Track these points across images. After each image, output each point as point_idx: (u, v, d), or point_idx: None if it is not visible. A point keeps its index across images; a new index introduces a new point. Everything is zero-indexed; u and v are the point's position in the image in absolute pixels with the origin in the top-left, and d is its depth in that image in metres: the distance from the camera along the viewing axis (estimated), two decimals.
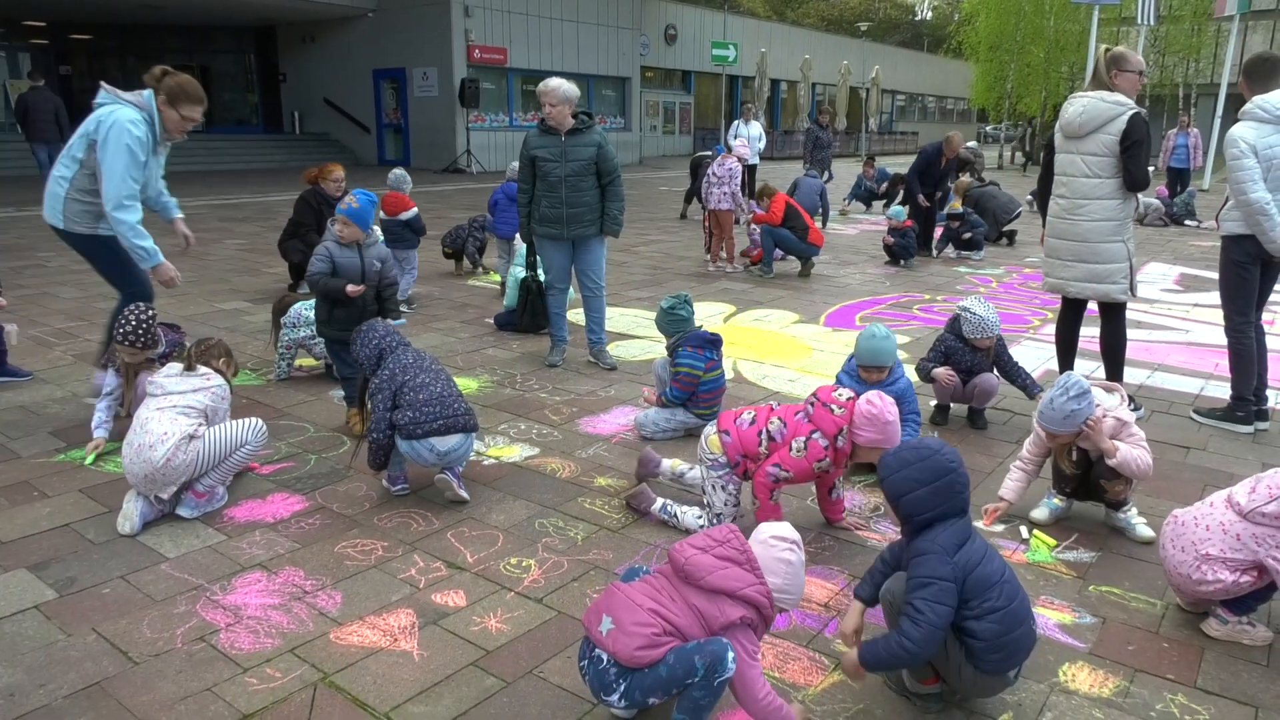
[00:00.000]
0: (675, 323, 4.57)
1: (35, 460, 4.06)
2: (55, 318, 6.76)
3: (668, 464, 3.78)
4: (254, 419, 3.68)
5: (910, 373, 4.46)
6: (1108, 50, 4.46)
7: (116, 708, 2.40)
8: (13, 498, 3.66)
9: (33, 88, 14.48)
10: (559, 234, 5.46)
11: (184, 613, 2.85)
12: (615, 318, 6.90)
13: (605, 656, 2.18)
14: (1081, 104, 4.44)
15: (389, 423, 3.54)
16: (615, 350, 6.04)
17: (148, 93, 4.23)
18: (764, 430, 3.32)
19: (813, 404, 3.30)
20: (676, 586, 2.26)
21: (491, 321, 6.82)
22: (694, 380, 4.44)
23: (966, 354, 4.57)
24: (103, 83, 4.35)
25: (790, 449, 3.25)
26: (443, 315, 7.09)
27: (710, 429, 3.46)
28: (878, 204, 15.78)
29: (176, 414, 3.47)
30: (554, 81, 5.24)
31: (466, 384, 5.24)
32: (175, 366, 3.68)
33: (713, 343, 4.56)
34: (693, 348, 4.49)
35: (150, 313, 4.05)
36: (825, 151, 14.69)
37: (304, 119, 25.91)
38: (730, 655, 2.13)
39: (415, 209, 7.58)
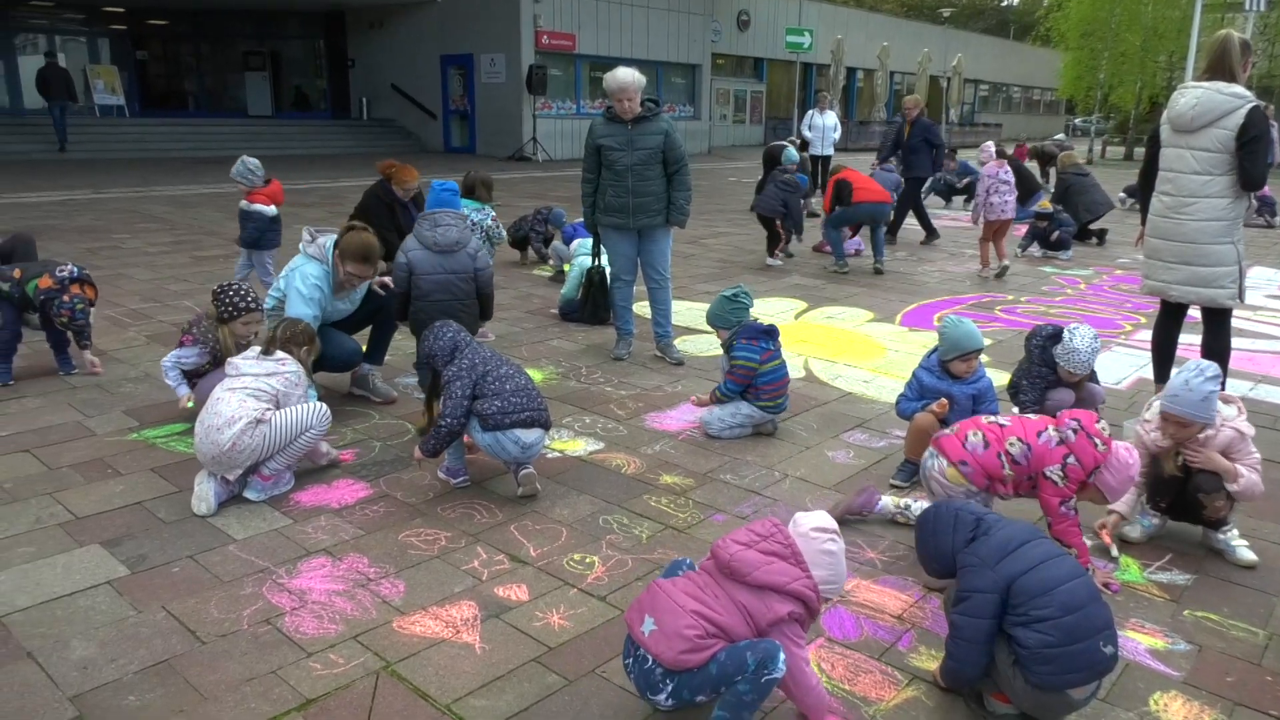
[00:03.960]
0: (737, 311, 4.53)
1: (110, 438, 4.22)
2: (129, 298, 7.01)
3: (888, 500, 3.58)
4: (319, 403, 3.77)
5: (992, 374, 4.33)
6: (1236, 36, 4.25)
7: (184, 686, 2.48)
8: (88, 474, 3.81)
9: (49, 64, 19.38)
10: (624, 224, 5.48)
11: (250, 594, 2.93)
12: (682, 311, 6.88)
13: (650, 656, 2.18)
14: (1194, 95, 4.26)
15: (466, 410, 3.58)
16: (682, 345, 6.02)
17: (327, 241, 4.46)
18: (1003, 453, 3.15)
19: (1075, 430, 3.08)
20: (721, 583, 2.26)
21: (556, 312, 6.86)
22: (750, 372, 4.42)
23: (1051, 375, 4.37)
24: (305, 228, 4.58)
25: (1054, 481, 3.10)
26: (507, 305, 7.16)
27: (935, 464, 3.27)
28: (957, 199, 15.45)
29: (247, 395, 3.57)
30: (624, 75, 5.23)
31: (531, 375, 5.28)
32: (254, 349, 3.79)
33: (768, 333, 4.53)
34: (748, 340, 4.48)
35: (237, 284, 4.37)
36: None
37: (371, 105, 26.41)
38: (781, 656, 2.13)
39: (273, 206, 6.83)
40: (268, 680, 2.51)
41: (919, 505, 3.43)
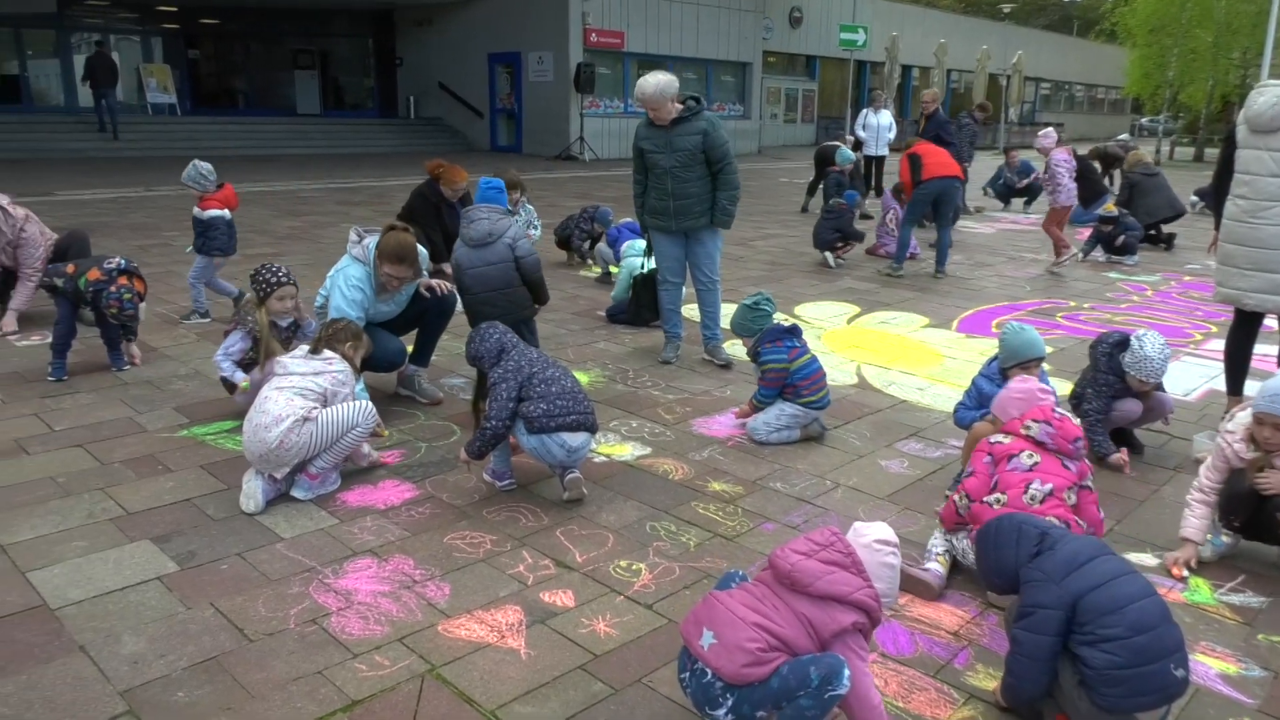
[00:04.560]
0: (759, 318, 4.57)
1: (160, 434, 4.32)
2: (180, 295, 7.17)
3: (940, 574, 3.21)
4: (365, 402, 3.82)
5: (1053, 384, 4.24)
6: None
7: (231, 683, 2.53)
8: (139, 470, 3.91)
9: (98, 52, 20.78)
10: (668, 226, 5.50)
11: (297, 593, 2.98)
12: (731, 314, 6.85)
13: (709, 670, 2.17)
14: (1274, 94, 4.14)
15: (511, 412, 3.60)
16: (731, 349, 6.01)
17: (372, 243, 4.51)
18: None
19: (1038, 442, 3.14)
20: (781, 595, 2.24)
21: (603, 314, 6.88)
22: (782, 373, 4.43)
23: (1118, 383, 4.29)
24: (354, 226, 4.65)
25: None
26: (553, 306, 7.17)
27: (962, 545, 3.20)
28: (1017, 201, 15.19)
29: (294, 394, 3.63)
30: (648, 87, 5.21)
31: (578, 377, 5.30)
32: (303, 348, 3.87)
33: (790, 331, 4.56)
34: (771, 342, 4.50)
35: (270, 263, 4.50)
36: (973, 148, 14.11)
37: (418, 104, 26.75)
38: (846, 672, 2.11)
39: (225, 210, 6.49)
40: (313, 680, 2.55)
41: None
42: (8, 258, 5.98)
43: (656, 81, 5.20)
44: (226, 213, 6.42)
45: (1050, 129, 9.65)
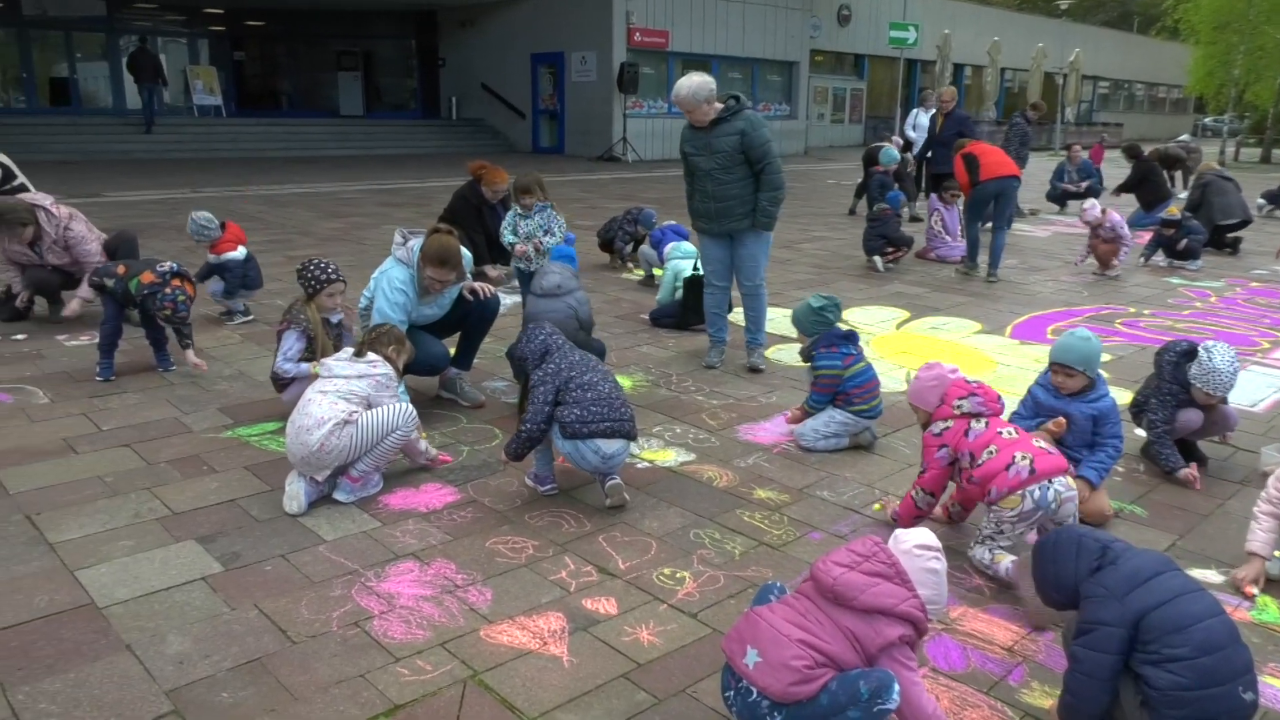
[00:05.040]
0: (818, 324, 4.55)
1: (205, 435, 4.41)
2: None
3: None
4: (406, 405, 3.87)
5: (1114, 392, 4.16)
6: None
7: (275, 685, 2.57)
8: (185, 470, 4.00)
9: (140, 48, 21.81)
10: (711, 228, 5.52)
11: (340, 596, 3.02)
12: (777, 319, 6.81)
13: (754, 689, 2.16)
14: None
15: (547, 416, 3.62)
16: (776, 354, 5.98)
17: (416, 245, 4.57)
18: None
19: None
20: (824, 609, 2.22)
21: (646, 318, 6.89)
22: (835, 381, 4.41)
23: (1183, 394, 4.20)
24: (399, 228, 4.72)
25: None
26: (596, 309, 7.18)
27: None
28: (1074, 204, 14.90)
29: (338, 398, 3.68)
30: (681, 88, 5.21)
31: (620, 382, 5.31)
32: (346, 351, 3.93)
33: (847, 338, 4.54)
34: (827, 348, 4.48)
35: (317, 258, 4.56)
36: (1026, 149, 13.91)
37: (460, 104, 27.03)
38: (896, 686, 2.09)
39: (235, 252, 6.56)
40: (356, 684, 2.59)
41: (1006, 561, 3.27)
42: (57, 257, 6.15)
43: (690, 84, 5.20)
44: (242, 251, 6.54)
45: (1094, 203, 9.50)
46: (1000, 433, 3.28)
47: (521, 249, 6.17)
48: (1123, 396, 4.64)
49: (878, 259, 9.23)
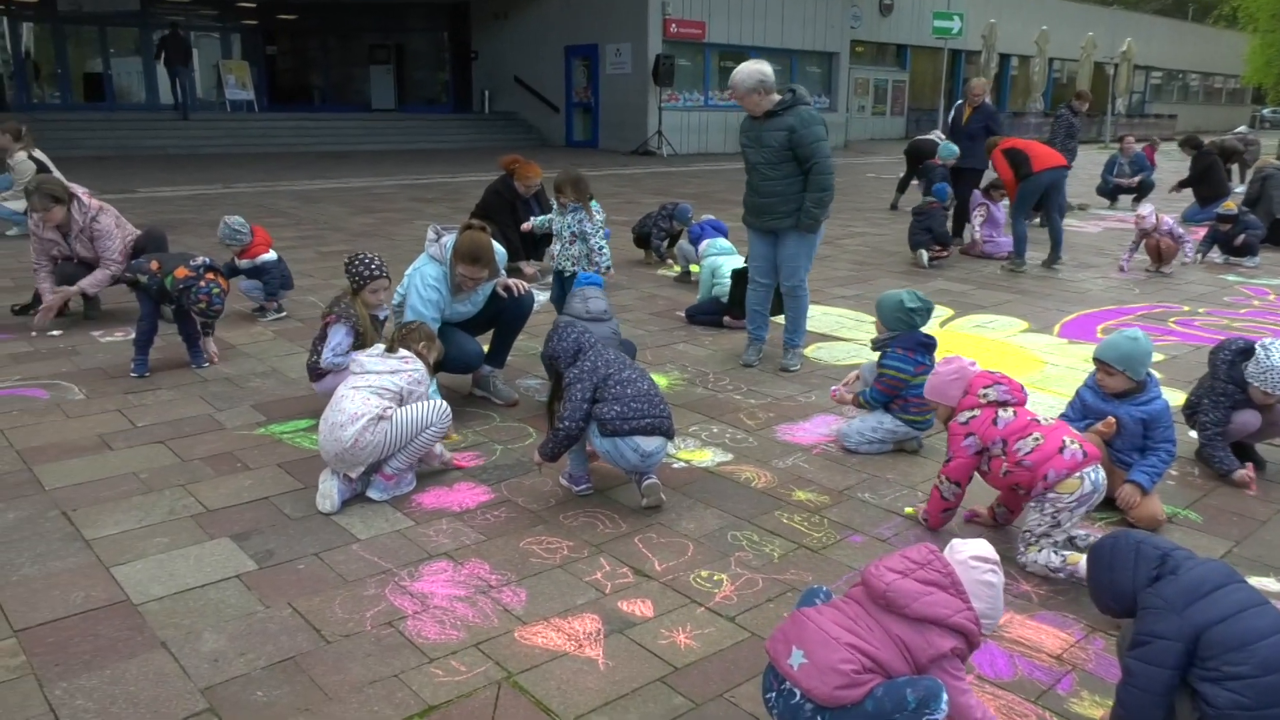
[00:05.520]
0: (901, 322, 4.42)
1: (239, 432, 4.48)
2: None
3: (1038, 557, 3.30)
4: (439, 401, 3.90)
5: (1167, 394, 4.09)
6: None
7: (309, 684, 2.60)
8: (218, 467, 4.06)
9: (171, 32, 22.34)
10: (755, 223, 5.50)
11: (373, 595, 3.05)
12: (818, 317, 6.79)
13: (798, 691, 2.14)
14: None
15: (585, 414, 3.62)
16: (815, 352, 5.95)
17: (450, 241, 4.59)
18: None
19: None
20: (874, 615, 2.20)
21: (682, 315, 6.88)
22: (899, 384, 4.33)
23: (1239, 394, 4.11)
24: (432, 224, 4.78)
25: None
26: (631, 306, 7.23)
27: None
28: (1125, 198, 14.68)
29: (370, 394, 3.72)
30: (735, 75, 5.20)
31: (656, 380, 5.32)
32: (379, 346, 3.97)
33: (926, 346, 4.43)
34: (903, 350, 4.38)
35: (364, 253, 4.58)
36: (1074, 140, 13.70)
37: (493, 98, 27.17)
38: (944, 696, 2.07)
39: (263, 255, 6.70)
40: (390, 684, 2.61)
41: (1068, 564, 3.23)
42: (84, 248, 6.23)
43: (746, 71, 5.16)
44: (273, 253, 6.68)
45: (1150, 207, 9.31)
46: (1038, 419, 3.33)
47: (531, 271, 6.17)
48: (1176, 398, 4.56)
49: (923, 253, 9.15)
